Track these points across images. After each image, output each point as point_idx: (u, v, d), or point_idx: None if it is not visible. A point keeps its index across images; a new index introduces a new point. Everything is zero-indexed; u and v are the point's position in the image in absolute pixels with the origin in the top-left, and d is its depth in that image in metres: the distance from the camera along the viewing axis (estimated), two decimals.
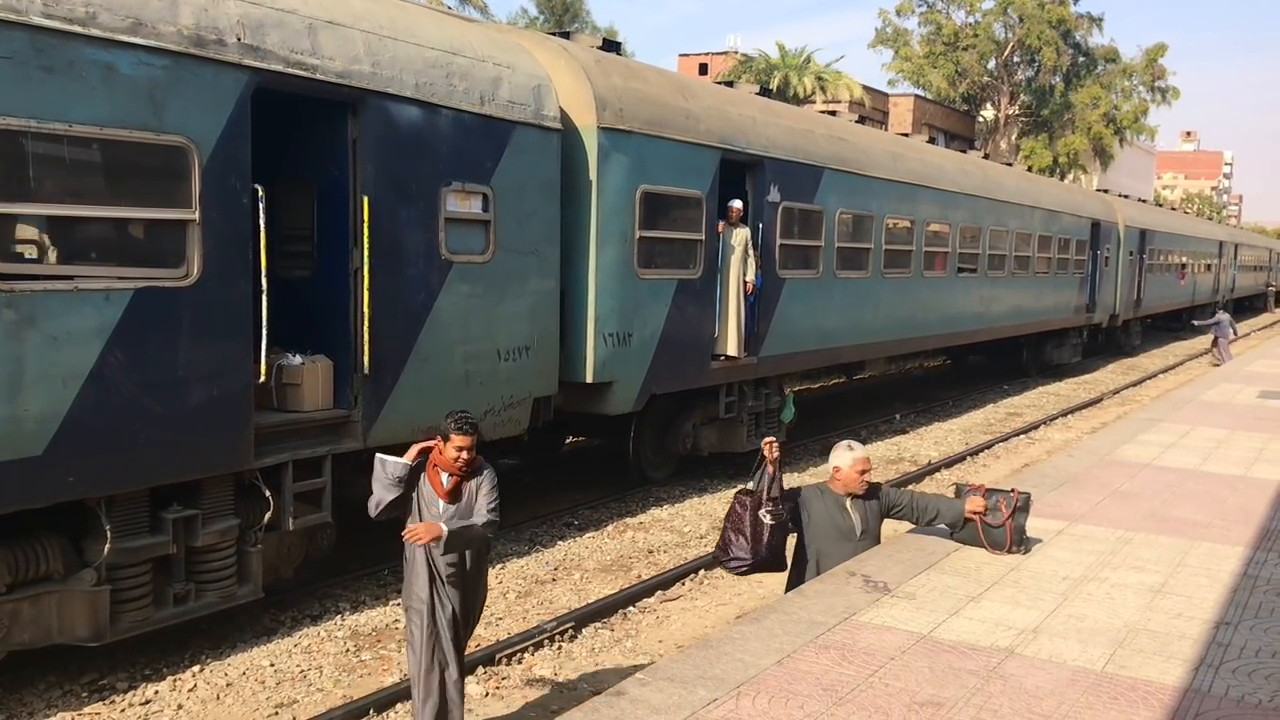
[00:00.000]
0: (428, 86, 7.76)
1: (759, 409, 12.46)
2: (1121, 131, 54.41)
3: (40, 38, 5.46)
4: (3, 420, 5.43)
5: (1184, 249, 35.19)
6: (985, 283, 18.71)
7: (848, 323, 14.12)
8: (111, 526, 6.05)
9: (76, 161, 5.73)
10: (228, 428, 6.56)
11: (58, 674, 6.48)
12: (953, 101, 53.76)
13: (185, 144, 6.14)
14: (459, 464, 5.38)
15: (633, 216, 9.91)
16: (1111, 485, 9.98)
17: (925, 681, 5.26)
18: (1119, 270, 26.69)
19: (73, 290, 5.69)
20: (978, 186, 18.26)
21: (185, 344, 6.24)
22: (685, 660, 5.57)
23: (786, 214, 12.37)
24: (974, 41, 51.70)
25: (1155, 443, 12.47)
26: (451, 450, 5.34)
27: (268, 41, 6.62)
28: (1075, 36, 52.73)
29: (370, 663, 6.86)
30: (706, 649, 5.63)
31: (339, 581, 8.26)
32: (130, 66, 5.86)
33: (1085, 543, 7.93)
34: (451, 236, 8.08)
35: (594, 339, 9.61)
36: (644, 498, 11.33)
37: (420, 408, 7.87)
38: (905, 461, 13.99)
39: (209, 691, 6.36)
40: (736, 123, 11.49)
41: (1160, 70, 54.27)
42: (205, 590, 6.71)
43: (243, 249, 6.53)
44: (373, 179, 7.42)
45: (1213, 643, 5.94)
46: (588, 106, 9.45)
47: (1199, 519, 8.80)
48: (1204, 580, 7.12)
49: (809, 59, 47.68)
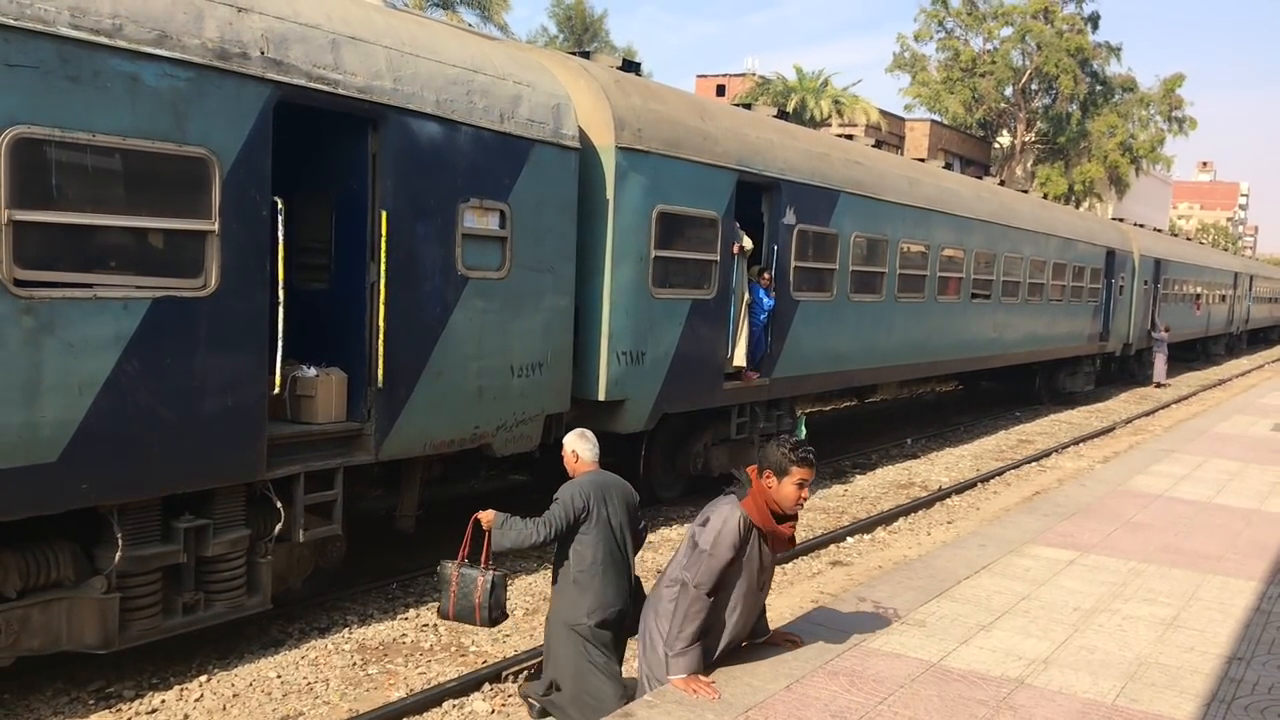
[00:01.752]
0: (448, 103, 7.80)
1: (771, 430, 12.44)
2: (1138, 160, 54.43)
3: (67, 48, 5.51)
4: (19, 426, 5.45)
5: (1199, 279, 35.08)
6: (999, 308, 18.68)
7: (861, 346, 14.10)
8: (123, 534, 6.06)
9: (99, 171, 5.77)
10: (241, 438, 6.57)
11: (65, 680, 6.49)
12: (969, 127, 53.83)
13: (207, 155, 6.18)
14: (802, 502, 5.22)
15: (648, 236, 9.93)
16: (1124, 516, 9.93)
17: (934, 710, 5.23)
18: (1133, 299, 26.62)
19: (91, 299, 5.72)
20: (993, 213, 18.25)
21: (201, 354, 6.26)
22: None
23: (801, 236, 12.38)
24: (991, 68, 51.81)
25: (1168, 474, 12.41)
26: (790, 487, 5.16)
27: (291, 56, 6.66)
28: (1093, 65, 52.83)
29: (377, 677, 6.85)
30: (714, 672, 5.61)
31: (347, 594, 8.26)
32: (154, 78, 5.90)
33: (1097, 573, 7.89)
34: (468, 252, 8.11)
35: (607, 357, 9.62)
36: (654, 517, 11.30)
37: (433, 422, 7.88)
38: (916, 486, 13.93)
39: (215, 702, 6.36)
40: (753, 144, 11.52)
41: (1178, 100, 54.31)
42: (214, 600, 6.71)
43: (261, 261, 6.57)
44: (391, 194, 7.46)
45: (1225, 678, 5.89)
46: (606, 126, 9.49)
47: (1212, 552, 8.75)
48: (1217, 614, 7.07)
49: (826, 82, 47.82)
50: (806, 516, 11.91)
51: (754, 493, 5.28)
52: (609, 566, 5.71)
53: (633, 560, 5.90)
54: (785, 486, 5.19)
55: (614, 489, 5.85)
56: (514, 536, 5.65)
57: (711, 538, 5.17)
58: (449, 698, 6.43)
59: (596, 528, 5.68)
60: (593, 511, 5.68)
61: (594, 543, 5.67)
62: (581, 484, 5.78)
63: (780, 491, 5.21)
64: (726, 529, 5.18)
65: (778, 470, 5.20)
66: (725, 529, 5.18)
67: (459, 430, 8.21)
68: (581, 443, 6.00)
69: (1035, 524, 9.48)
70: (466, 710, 6.32)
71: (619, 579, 5.75)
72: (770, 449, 5.32)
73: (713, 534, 5.19)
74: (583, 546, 5.67)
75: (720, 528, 5.20)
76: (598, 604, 5.67)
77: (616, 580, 5.74)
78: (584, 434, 6.07)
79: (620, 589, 5.75)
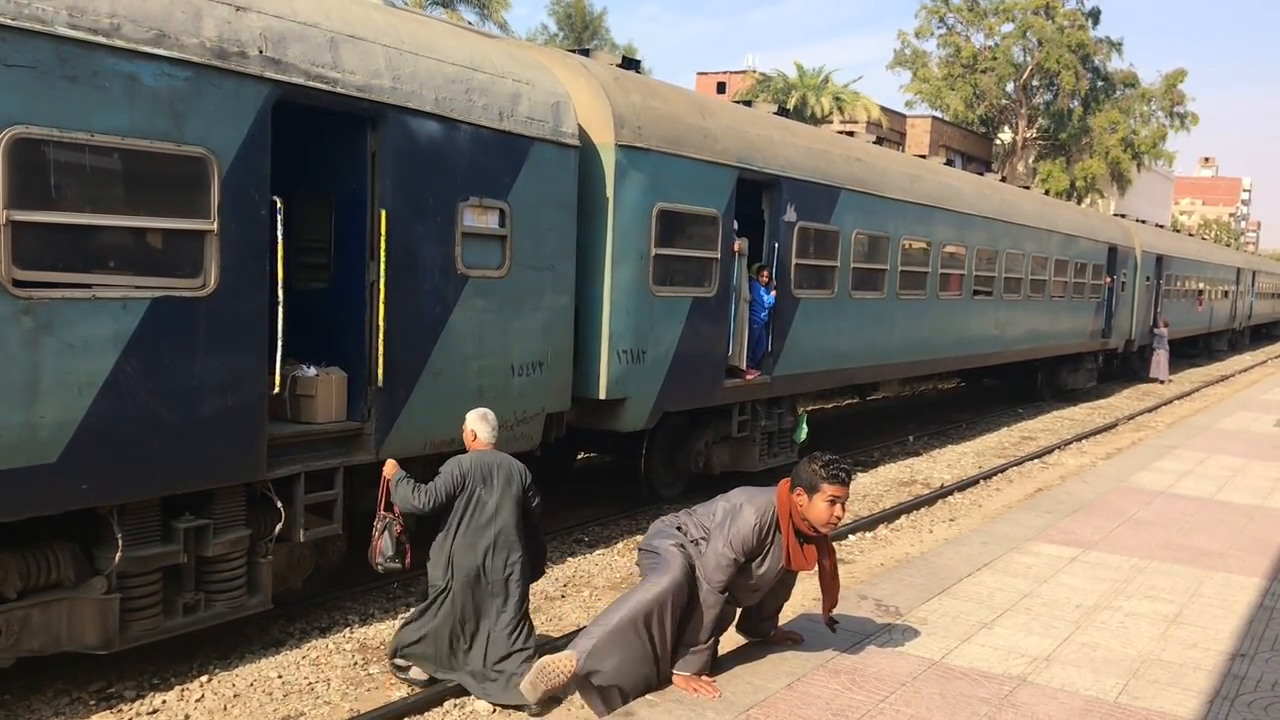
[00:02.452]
0: (447, 101, 7.79)
1: (772, 428, 12.43)
2: (1139, 156, 54.34)
3: (65, 48, 5.49)
4: (18, 427, 5.44)
5: (1201, 275, 35.04)
6: (1001, 306, 18.66)
7: (862, 343, 14.08)
8: (123, 535, 6.05)
9: (97, 171, 5.76)
10: (241, 438, 6.56)
11: (66, 681, 6.49)
12: (970, 124, 53.79)
13: (205, 155, 6.17)
14: (835, 521, 5.14)
15: (649, 234, 9.91)
16: (1126, 512, 9.92)
17: (936, 709, 5.22)
18: (1135, 295, 26.59)
19: (90, 299, 5.71)
20: (994, 209, 18.23)
21: (201, 354, 6.25)
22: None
23: (802, 234, 12.36)
24: (992, 64, 51.75)
25: (1170, 470, 12.39)
26: (822, 505, 5.07)
27: (289, 55, 6.65)
28: (1094, 61, 52.77)
29: (378, 676, 6.84)
30: (715, 670, 5.60)
31: (348, 594, 8.26)
32: (153, 77, 5.89)
33: (1099, 570, 7.88)
34: (468, 251, 8.10)
35: (608, 356, 9.60)
36: (655, 515, 11.21)
37: (433, 421, 7.87)
38: (918, 484, 13.92)
39: (216, 702, 6.35)
40: (754, 142, 11.50)
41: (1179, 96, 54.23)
42: (215, 600, 6.71)
43: (260, 260, 6.55)
44: (390, 193, 7.44)
45: (1228, 675, 5.88)
46: (606, 124, 9.47)
47: (1214, 548, 8.74)
48: (1219, 611, 7.06)
49: (827, 79, 47.79)
50: None
51: (782, 506, 5.20)
52: (471, 533, 6.20)
53: (521, 528, 6.36)
54: (817, 504, 5.09)
55: (498, 467, 6.32)
56: (401, 495, 6.22)
57: (740, 540, 5.19)
58: (450, 698, 6.42)
59: (467, 501, 6.19)
60: (469, 487, 6.19)
61: (460, 513, 6.19)
62: (463, 460, 6.30)
63: (812, 509, 5.11)
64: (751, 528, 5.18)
65: (808, 487, 5.10)
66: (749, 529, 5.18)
67: (459, 429, 8.16)
68: (481, 423, 6.51)
69: (1037, 521, 9.47)
70: (467, 710, 6.32)
71: (481, 544, 6.22)
72: (802, 465, 5.22)
73: (740, 537, 5.19)
74: (452, 515, 6.21)
75: (746, 532, 5.18)
76: (447, 569, 6.24)
77: (474, 544, 6.21)
78: (484, 414, 6.58)
79: (478, 553, 6.21)
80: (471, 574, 6.21)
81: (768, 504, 5.25)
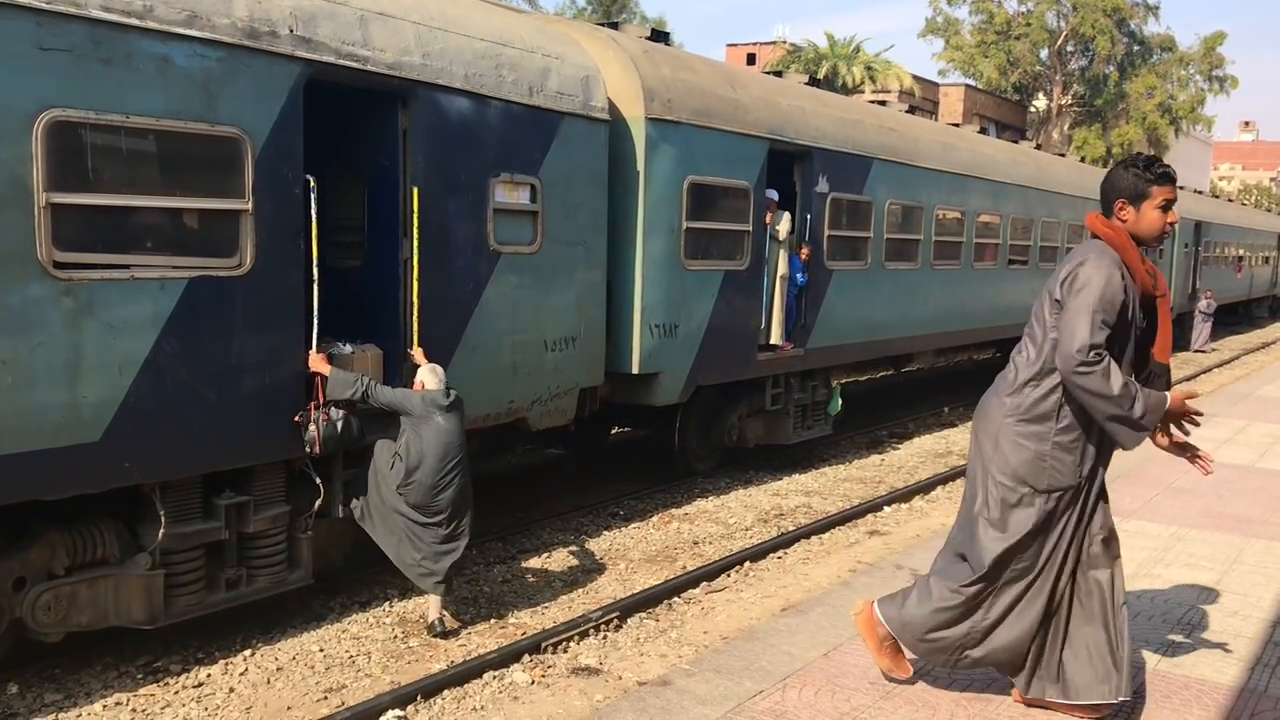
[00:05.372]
0: (477, 78, 7.79)
1: (805, 401, 12.41)
2: (1177, 121, 53.46)
3: (99, 30, 5.54)
4: (62, 407, 5.54)
5: (1241, 241, 34.51)
6: (1037, 275, 18.47)
7: (896, 314, 14.00)
8: (166, 512, 6.15)
9: (133, 152, 5.82)
10: (279, 415, 6.64)
11: (114, 655, 6.61)
12: (1004, 91, 53.09)
13: (239, 135, 6.21)
14: (1169, 229, 4.40)
15: (680, 207, 9.89)
16: (1165, 481, 9.83)
17: (974, 676, 5.22)
18: (1174, 263, 26.25)
19: (129, 279, 5.78)
20: (1029, 177, 18.03)
21: (238, 333, 6.32)
22: (731, 652, 5.58)
23: (835, 205, 12.28)
24: (1026, 30, 51.02)
25: (1211, 438, 12.25)
26: (1154, 213, 4.35)
27: (320, 33, 6.67)
28: (1130, 25, 51.87)
29: (418, 649, 6.92)
30: (753, 641, 5.63)
31: (387, 569, 8.32)
32: (185, 59, 5.93)
33: (1138, 539, 7.82)
34: (500, 227, 8.12)
35: (640, 330, 9.61)
36: (689, 489, 11.32)
37: (469, 397, 7.89)
38: (954, 455, 13.85)
39: (260, 675, 6.46)
40: (785, 113, 11.43)
41: (1218, 59, 53.24)
42: (256, 575, 6.81)
43: (294, 239, 6.61)
44: (422, 170, 7.47)
45: (1270, 642, 5.84)
46: (636, 97, 9.44)
47: (1255, 516, 8.66)
48: (1259, 578, 7.00)
49: (858, 48, 47.32)
50: (843, 487, 11.89)
51: (1110, 237, 4.43)
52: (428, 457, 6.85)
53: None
54: (1148, 213, 4.41)
55: (447, 405, 6.94)
56: (339, 377, 6.77)
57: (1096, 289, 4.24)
58: (489, 669, 6.49)
59: (420, 423, 6.83)
60: (416, 412, 6.85)
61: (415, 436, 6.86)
62: (421, 393, 6.96)
63: (1143, 221, 4.42)
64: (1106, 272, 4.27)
65: (1133, 196, 4.43)
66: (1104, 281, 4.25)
67: (494, 405, 8.25)
68: (431, 376, 7.03)
69: None
70: (506, 681, 6.38)
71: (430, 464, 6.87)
72: (1117, 173, 4.48)
73: (1095, 286, 4.25)
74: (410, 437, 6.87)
75: (1095, 275, 4.26)
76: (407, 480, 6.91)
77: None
78: (434, 369, 7.08)
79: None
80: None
81: (1100, 250, 4.41)
